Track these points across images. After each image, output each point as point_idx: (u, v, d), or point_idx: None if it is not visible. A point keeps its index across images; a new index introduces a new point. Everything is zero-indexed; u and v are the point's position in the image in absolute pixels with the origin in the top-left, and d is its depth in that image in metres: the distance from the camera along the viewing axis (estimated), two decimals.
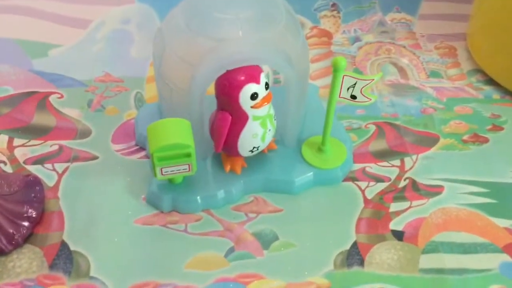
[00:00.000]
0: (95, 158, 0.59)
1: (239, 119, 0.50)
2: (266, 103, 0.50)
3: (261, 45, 0.50)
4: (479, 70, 0.71)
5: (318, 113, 0.62)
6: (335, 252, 0.51)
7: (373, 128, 0.64)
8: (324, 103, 0.64)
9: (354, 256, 0.51)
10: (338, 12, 0.80)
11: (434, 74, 0.71)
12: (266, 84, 0.50)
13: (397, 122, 0.64)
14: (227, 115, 0.50)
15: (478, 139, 0.62)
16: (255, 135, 0.51)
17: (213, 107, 0.53)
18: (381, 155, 0.60)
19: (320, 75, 0.70)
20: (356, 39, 0.76)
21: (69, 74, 0.69)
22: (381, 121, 0.64)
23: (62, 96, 0.66)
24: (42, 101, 0.65)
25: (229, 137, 0.51)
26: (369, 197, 0.56)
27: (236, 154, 0.53)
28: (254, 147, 0.53)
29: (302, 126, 0.60)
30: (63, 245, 0.51)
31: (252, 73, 0.49)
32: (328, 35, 0.76)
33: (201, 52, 0.50)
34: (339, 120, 0.64)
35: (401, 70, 0.71)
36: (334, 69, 0.50)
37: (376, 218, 0.54)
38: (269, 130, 0.52)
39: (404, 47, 0.75)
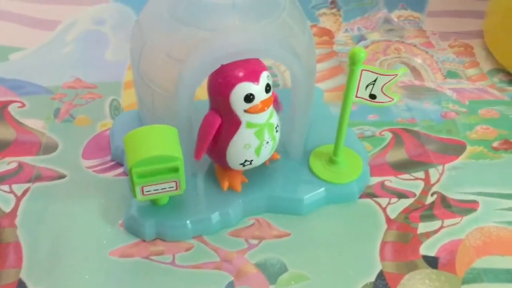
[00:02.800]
0: (62, 176, 0.49)
1: (230, 124, 0.42)
2: (265, 108, 0.41)
3: (263, 35, 0.42)
4: (500, 70, 0.63)
5: (325, 120, 0.54)
6: (358, 286, 0.42)
7: (389, 135, 0.55)
8: (330, 109, 0.56)
9: None
10: (338, 10, 0.72)
11: (451, 74, 0.63)
12: (268, 86, 0.41)
13: (416, 128, 0.56)
14: (217, 116, 0.41)
15: (510, 146, 0.54)
16: (247, 145, 0.42)
17: (201, 115, 0.44)
18: (401, 167, 0.52)
19: (323, 77, 0.62)
20: (361, 38, 0.68)
21: (32, 80, 0.60)
22: (397, 127, 0.56)
23: (23, 105, 0.57)
24: (0, 111, 0.55)
25: (218, 143, 0.43)
26: (392, 216, 0.47)
27: (225, 165, 0.44)
28: (246, 160, 0.43)
29: (306, 135, 0.51)
30: (21, 285, 0.41)
31: (251, 70, 0.40)
32: (329, 34, 0.68)
33: (190, 45, 0.41)
34: (349, 126, 0.55)
35: (414, 71, 0.63)
36: (351, 62, 0.41)
37: (403, 242, 0.45)
38: (267, 142, 0.43)
39: (415, 45, 0.67)
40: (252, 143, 0.42)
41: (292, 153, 0.50)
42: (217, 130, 0.42)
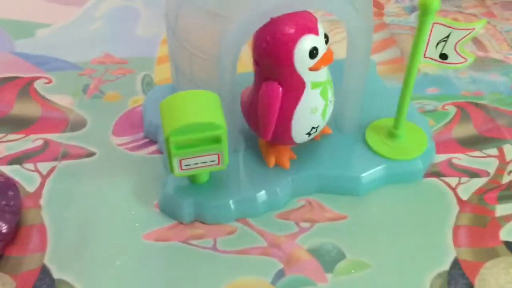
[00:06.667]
0: (91, 154, 0.45)
1: (293, 89, 0.36)
2: (327, 62, 0.35)
3: None
4: None
5: (379, 93, 0.48)
6: (429, 275, 0.36)
7: (453, 109, 0.49)
8: (385, 82, 0.50)
9: (458, 280, 0.36)
10: None
11: None
12: (325, 36, 0.35)
13: (483, 102, 0.49)
14: (276, 85, 0.36)
15: None
16: (314, 109, 0.37)
17: (241, 87, 0.39)
18: (470, 143, 0.45)
19: (374, 50, 0.56)
20: (413, 9, 0.62)
21: (59, 56, 0.56)
22: (462, 101, 0.50)
23: (50, 81, 0.52)
24: (25, 88, 0.51)
25: (280, 117, 0.37)
26: (464, 197, 0.41)
27: (287, 141, 0.39)
28: (313, 128, 0.38)
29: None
30: (44, 271, 0.37)
31: (308, 22, 0.35)
32: (377, 5, 0.62)
33: None
34: None
35: (477, 42, 0.56)
36: (422, 12, 0.36)
37: (480, 226, 0.39)
38: (330, 101, 0.38)
39: (475, 15, 0.60)
40: (319, 105, 0.37)
41: (346, 127, 0.44)
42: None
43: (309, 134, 0.38)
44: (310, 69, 0.35)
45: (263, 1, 0.35)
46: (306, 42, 0.34)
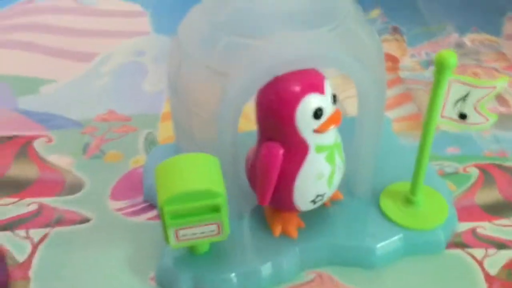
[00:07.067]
0: (86, 220, 0.42)
1: (296, 152, 0.33)
2: (334, 124, 0.33)
3: (323, 41, 0.34)
4: None
5: (395, 153, 0.45)
6: None
7: (475, 172, 0.45)
8: (400, 140, 0.47)
9: None
10: (401, 36, 0.64)
11: None
12: (333, 96, 0.33)
13: (509, 164, 0.46)
14: (278, 147, 0.33)
15: None
16: (319, 175, 0.34)
17: (244, 150, 0.37)
18: (496, 210, 0.42)
19: (390, 106, 0.53)
20: (430, 63, 0.59)
21: (62, 113, 0.54)
22: (485, 162, 0.46)
23: (50, 140, 0.50)
24: (24, 147, 0.50)
25: (281, 181, 0.34)
26: (492, 272, 0.37)
27: (290, 207, 0.36)
28: (318, 196, 0.35)
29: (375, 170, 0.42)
30: None
31: (313, 80, 0.32)
32: (393, 59, 0.60)
33: (235, 56, 0.34)
34: None
35: (499, 97, 0.53)
36: (438, 69, 0.33)
37: None
38: (339, 168, 0.35)
39: (496, 69, 0.57)
40: (325, 170, 0.34)
41: (358, 192, 0.41)
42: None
43: (314, 202, 0.35)
44: (315, 131, 0.32)
45: (265, 59, 0.33)
46: (310, 101, 0.32)
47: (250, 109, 0.35)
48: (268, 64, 0.32)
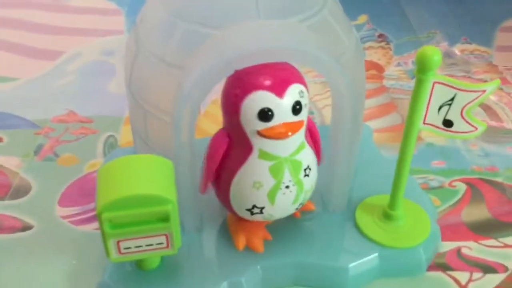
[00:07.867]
0: (28, 228, 0.38)
1: (241, 150, 0.30)
2: (289, 133, 0.29)
3: (293, 31, 0.30)
4: None
5: (375, 164, 0.41)
6: None
7: (462, 187, 0.41)
8: (381, 151, 0.43)
9: None
10: (388, 43, 0.61)
11: None
12: (297, 104, 0.29)
13: (498, 179, 0.42)
14: (225, 135, 0.30)
15: None
16: (257, 184, 0.30)
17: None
18: (484, 229, 0.38)
19: (372, 115, 0.49)
20: None
21: (17, 112, 0.50)
22: (473, 177, 0.42)
23: (0, 140, 0.46)
24: None
25: (222, 175, 0.31)
26: None
27: (232, 210, 0.32)
28: (254, 206, 0.31)
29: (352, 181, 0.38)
30: None
31: (275, 78, 0.29)
32: (377, 67, 0.57)
33: (191, 47, 0.30)
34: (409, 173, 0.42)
35: (488, 110, 0.50)
36: (420, 68, 0.29)
37: None
38: (286, 187, 0.30)
39: (486, 81, 0.54)
40: (264, 181, 0.30)
41: (333, 204, 0.37)
42: (225, 157, 0.30)
43: (251, 212, 0.31)
44: (259, 132, 0.29)
45: (224, 50, 0.29)
46: (256, 99, 0.28)
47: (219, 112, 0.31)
48: (226, 57, 0.28)
